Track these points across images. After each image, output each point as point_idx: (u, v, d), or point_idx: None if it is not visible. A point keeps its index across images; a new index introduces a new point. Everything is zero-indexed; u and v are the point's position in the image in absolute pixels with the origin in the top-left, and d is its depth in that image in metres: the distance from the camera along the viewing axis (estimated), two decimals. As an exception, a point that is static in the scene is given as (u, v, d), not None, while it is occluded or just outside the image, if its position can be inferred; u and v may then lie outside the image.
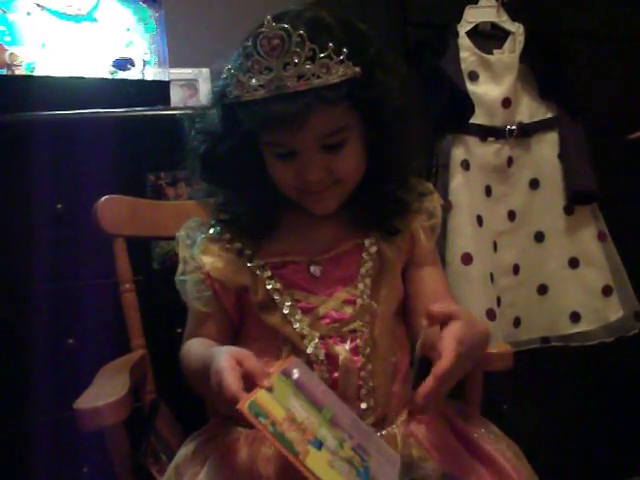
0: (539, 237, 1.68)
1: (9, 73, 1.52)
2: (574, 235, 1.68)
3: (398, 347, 1.02)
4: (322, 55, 0.85)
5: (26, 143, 1.39)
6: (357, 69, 0.88)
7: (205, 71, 1.82)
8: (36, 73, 1.55)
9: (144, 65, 1.64)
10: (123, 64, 1.61)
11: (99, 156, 1.41)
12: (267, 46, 0.84)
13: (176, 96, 1.73)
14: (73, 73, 1.56)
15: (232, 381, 0.76)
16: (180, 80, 1.77)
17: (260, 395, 0.77)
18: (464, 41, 1.61)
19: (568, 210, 1.67)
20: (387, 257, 1.01)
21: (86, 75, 1.57)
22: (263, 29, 0.84)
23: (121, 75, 1.61)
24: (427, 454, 0.94)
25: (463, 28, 1.62)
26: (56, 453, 1.40)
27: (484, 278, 1.56)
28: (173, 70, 1.71)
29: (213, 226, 1.02)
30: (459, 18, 1.63)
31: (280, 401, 0.79)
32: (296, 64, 0.84)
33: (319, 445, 0.78)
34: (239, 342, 1.03)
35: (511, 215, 1.66)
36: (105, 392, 0.90)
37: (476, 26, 1.64)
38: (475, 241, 1.56)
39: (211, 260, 0.99)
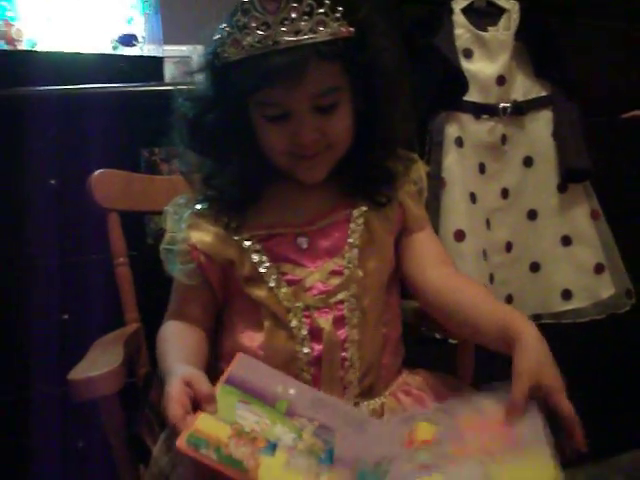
0: (532, 215, 1.69)
1: (11, 48, 1.51)
2: (567, 213, 1.69)
3: (390, 318, 1.03)
4: (319, 11, 0.85)
5: (20, 118, 1.39)
6: (352, 29, 0.89)
7: (200, 48, 1.81)
8: (37, 48, 1.54)
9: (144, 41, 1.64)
10: (128, 40, 1.61)
11: (93, 132, 1.41)
12: (265, 2, 0.85)
13: (170, 73, 1.72)
14: (74, 48, 1.55)
15: (176, 411, 0.76)
16: (174, 57, 1.76)
17: (201, 420, 0.77)
18: (459, 18, 1.61)
19: (561, 188, 1.68)
20: (375, 227, 1.01)
21: (86, 51, 1.56)
22: None
23: (120, 51, 1.60)
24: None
25: (458, 5, 1.62)
26: (51, 428, 1.41)
27: (477, 255, 1.57)
28: (167, 47, 1.70)
29: (200, 202, 1.02)
30: (454, -5, 1.63)
31: (225, 417, 0.79)
32: (293, 19, 0.85)
33: (272, 449, 0.78)
34: (223, 318, 1.04)
35: (504, 193, 1.66)
36: (99, 363, 0.91)
37: (471, 3, 1.64)
38: (468, 218, 1.57)
39: (199, 234, 0.99)
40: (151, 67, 1.61)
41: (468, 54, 1.61)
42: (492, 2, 1.66)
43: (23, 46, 1.53)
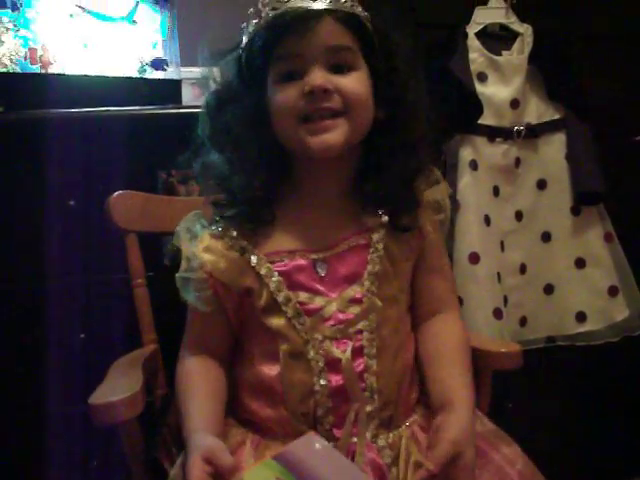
0: (546, 237, 1.69)
1: (32, 71, 1.54)
2: (581, 235, 1.69)
3: (407, 347, 1.01)
4: None
5: (40, 140, 1.40)
6: (366, 14, 0.95)
7: (216, 70, 1.83)
8: (55, 71, 1.56)
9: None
10: (159, 64, 1.64)
11: (111, 154, 1.42)
12: None
13: (187, 95, 1.74)
14: (94, 72, 1.58)
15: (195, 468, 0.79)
16: (191, 79, 1.78)
17: None
18: (473, 42, 1.63)
19: (575, 211, 1.69)
20: (394, 253, 0.98)
21: (106, 74, 1.59)
22: None
23: (148, 74, 1.63)
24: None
25: (472, 29, 1.64)
26: (66, 447, 1.42)
27: (491, 277, 1.57)
28: (184, 69, 1.72)
29: (217, 222, 0.99)
30: (468, 19, 1.65)
31: None
32: None
33: None
34: (242, 345, 1.02)
35: (518, 215, 1.67)
36: (119, 387, 0.91)
37: (485, 27, 1.66)
38: (482, 241, 1.58)
39: (214, 259, 0.96)
40: (169, 90, 1.63)
41: (482, 78, 1.62)
42: (506, 26, 1.68)
43: (46, 69, 1.55)
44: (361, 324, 0.95)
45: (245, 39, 0.96)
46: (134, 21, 1.65)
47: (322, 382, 0.92)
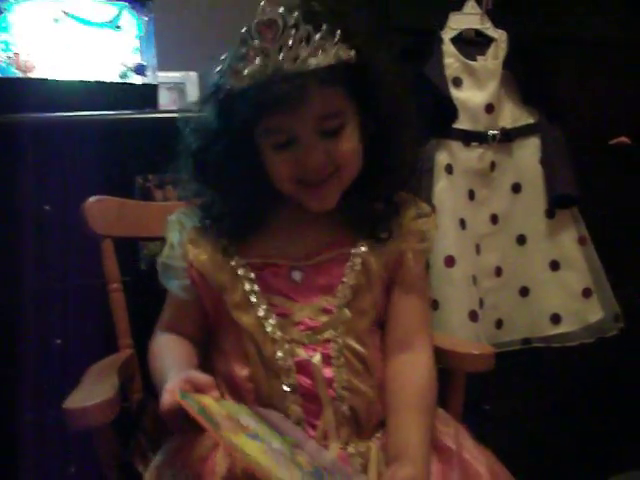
0: (521, 240, 1.71)
1: (6, 75, 1.53)
2: (555, 238, 1.71)
3: (376, 363, 1.00)
4: (317, 37, 0.86)
5: (14, 145, 1.40)
6: (351, 52, 0.89)
7: (193, 75, 1.83)
8: (31, 75, 1.55)
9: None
10: (141, 69, 1.64)
11: (87, 158, 1.41)
12: (262, 30, 0.85)
13: (164, 99, 1.74)
14: (69, 76, 1.57)
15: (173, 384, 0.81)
16: (168, 83, 1.78)
17: (201, 396, 0.78)
18: (448, 47, 1.64)
19: (549, 214, 1.71)
20: (372, 270, 0.99)
21: (80, 78, 1.58)
22: (258, 14, 0.86)
23: (129, 79, 1.63)
24: None
25: (447, 34, 1.65)
26: (43, 452, 1.41)
27: (467, 280, 1.59)
28: (161, 73, 1.71)
29: (203, 220, 1.01)
30: (443, 25, 1.66)
31: (227, 408, 0.79)
32: (291, 47, 0.85)
33: (256, 438, 0.77)
34: (217, 341, 1.03)
35: (494, 218, 1.69)
36: (94, 392, 0.91)
37: (460, 33, 1.67)
38: (458, 244, 1.59)
39: (197, 251, 0.99)
40: (146, 94, 1.63)
41: (457, 83, 1.64)
42: (481, 32, 1.69)
43: (26, 74, 1.54)
44: (329, 332, 0.96)
45: (222, 87, 0.91)
46: (118, 27, 1.65)
47: (290, 382, 0.94)
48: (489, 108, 1.65)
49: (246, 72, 0.87)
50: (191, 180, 1.00)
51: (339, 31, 0.87)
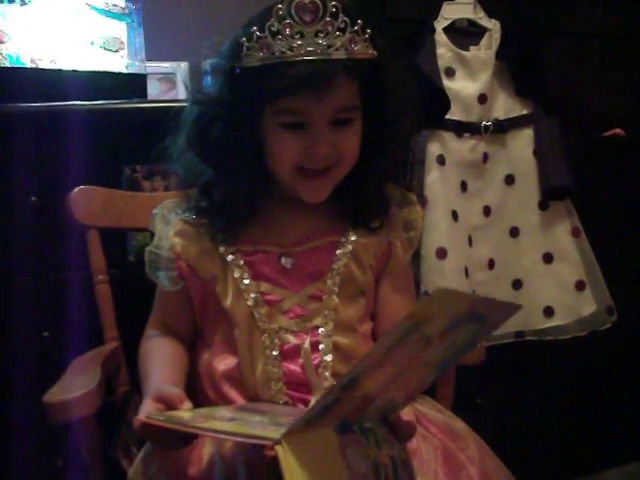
0: (514, 232, 1.70)
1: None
2: (548, 231, 1.70)
3: (364, 347, 1.00)
4: (354, 29, 0.87)
5: (1, 134, 1.38)
6: (375, 52, 0.90)
7: (184, 65, 1.82)
8: (17, 64, 1.54)
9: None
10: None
11: (75, 149, 1.40)
12: (302, 12, 0.86)
13: (153, 90, 1.72)
14: (57, 65, 1.55)
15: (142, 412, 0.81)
16: (157, 74, 1.76)
17: (172, 413, 0.78)
18: (441, 37, 1.63)
19: (542, 206, 1.69)
20: (361, 258, 1.00)
21: (68, 67, 1.56)
22: None
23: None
24: None
25: (440, 24, 1.64)
26: (30, 446, 1.40)
27: (459, 272, 1.58)
28: (150, 63, 1.70)
29: (189, 210, 1.01)
30: (436, 14, 1.65)
31: (200, 413, 0.80)
32: (328, 33, 0.86)
33: (231, 420, 0.77)
34: (202, 333, 1.04)
35: (486, 210, 1.67)
36: (75, 385, 0.91)
37: (453, 22, 1.66)
38: (450, 236, 1.58)
39: (184, 243, 1.00)
40: (134, 84, 1.61)
41: (450, 73, 1.62)
42: (474, 21, 1.68)
43: (5, 62, 1.52)
44: (317, 319, 0.97)
45: (244, 59, 0.90)
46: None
47: (276, 370, 0.94)
48: (482, 99, 1.63)
49: (277, 48, 0.86)
50: (188, 156, 0.98)
51: (369, 30, 0.89)
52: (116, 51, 1.61)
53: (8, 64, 1.52)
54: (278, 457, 0.61)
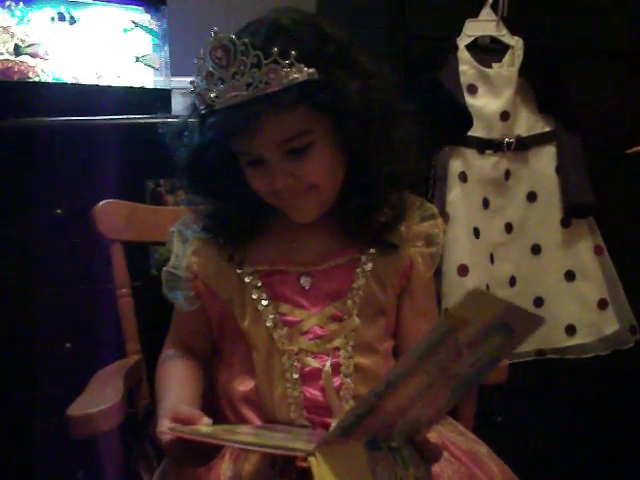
0: (536, 250, 1.69)
1: (18, 79, 1.53)
2: (570, 248, 1.68)
3: (385, 368, 0.98)
4: (266, 61, 0.83)
5: (28, 148, 1.41)
6: (311, 70, 0.85)
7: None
8: (45, 79, 1.56)
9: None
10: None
11: (99, 163, 1.42)
12: (214, 58, 0.85)
13: (177, 105, 1.74)
14: (84, 80, 1.58)
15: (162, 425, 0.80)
16: (182, 89, 1.78)
17: (192, 428, 0.77)
18: (463, 54, 1.62)
19: (565, 223, 1.68)
20: (382, 276, 0.98)
21: (94, 82, 1.58)
22: (210, 40, 0.85)
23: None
24: None
25: (463, 41, 1.63)
26: (51, 457, 1.41)
27: (480, 290, 1.57)
28: (175, 78, 1.72)
29: (205, 229, 1.00)
30: (459, 31, 1.65)
31: (221, 428, 0.80)
32: (243, 73, 0.84)
33: (254, 435, 0.77)
34: (221, 353, 1.03)
35: (508, 227, 1.67)
36: (98, 398, 0.91)
37: (476, 40, 1.65)
38: (472, 253, 1.57)
39: (202, 262, 0.99)
40: (159, 99, 1.63)
41: (472, 90, 1.62)
42: (496, 39, 1.67)
43: (32, 77, 1.55)
44: (338, 341, 0.94)
45: (198, 104, 0.90)
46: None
47: (296, 394, 0.93)
48: (504, 116, 1.63)
49: (207, 97, 0.86)
50: (188, 192, 1.01)
51: (293, 52, 0.83)
52: (158, 68, 1.63)
53: (51, 80, 1.54)
54: (312, 468, 0.60)
